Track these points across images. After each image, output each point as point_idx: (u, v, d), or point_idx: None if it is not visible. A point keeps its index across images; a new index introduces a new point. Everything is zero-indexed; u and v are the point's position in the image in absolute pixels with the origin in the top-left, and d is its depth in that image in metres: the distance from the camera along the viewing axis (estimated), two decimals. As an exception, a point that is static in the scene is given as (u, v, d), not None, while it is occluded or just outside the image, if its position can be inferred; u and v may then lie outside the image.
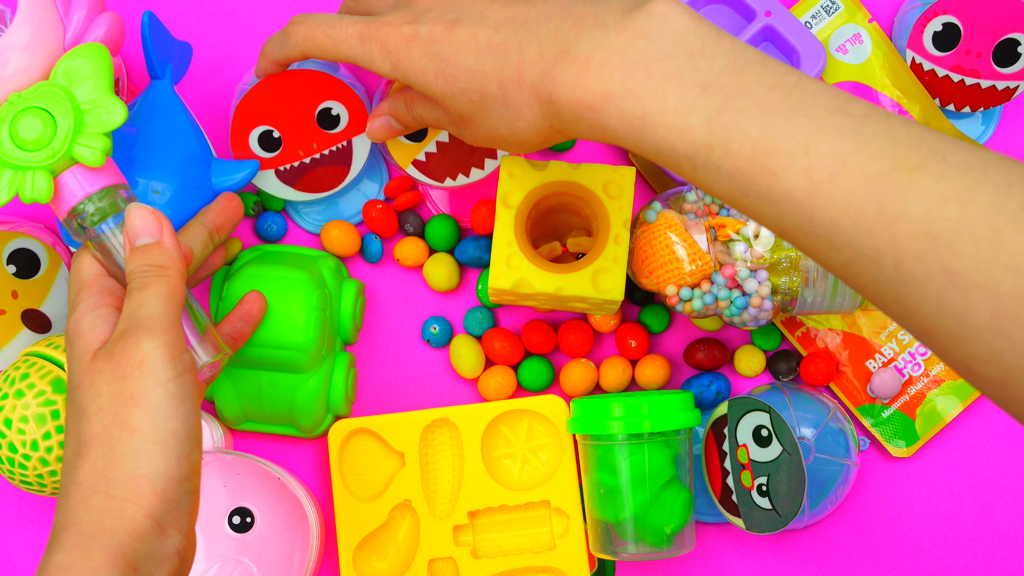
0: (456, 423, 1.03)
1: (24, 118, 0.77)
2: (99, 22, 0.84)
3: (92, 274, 0.80)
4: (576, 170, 0.96)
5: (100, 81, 0.78)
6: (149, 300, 0.75)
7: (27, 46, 0.81)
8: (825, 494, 1.00)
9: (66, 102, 0.77)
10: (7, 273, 1.01)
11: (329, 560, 1.05)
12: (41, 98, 0.77)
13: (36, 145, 0.76)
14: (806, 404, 1.02)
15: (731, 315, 0.97)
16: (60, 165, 0.78)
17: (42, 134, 0.76)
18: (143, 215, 0.78)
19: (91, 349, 0.75)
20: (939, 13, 1.03)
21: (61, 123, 0.77)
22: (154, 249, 0.78)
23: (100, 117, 0.78)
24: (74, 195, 0.79)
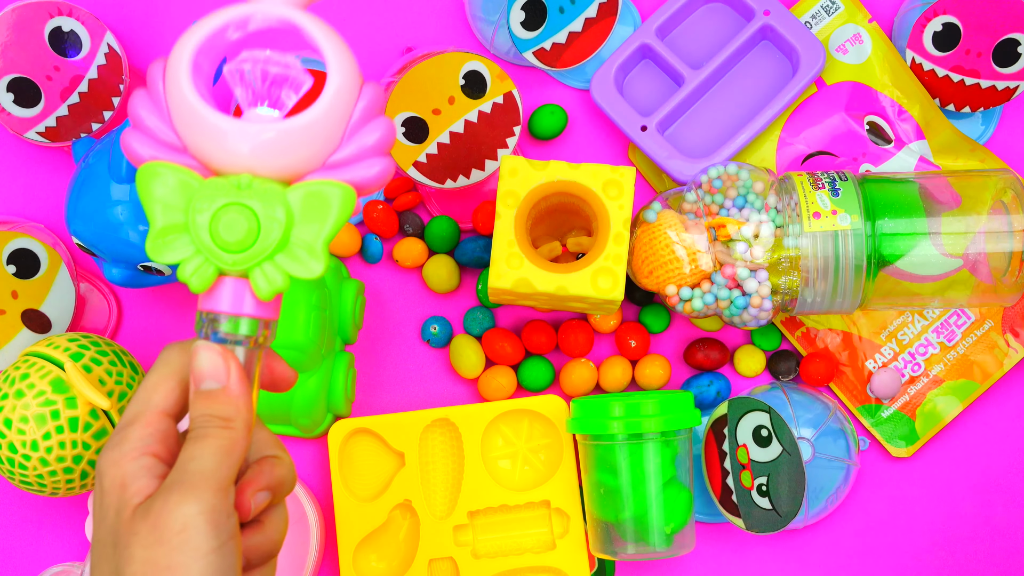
0: (456, 423, 1.03)
1: (234, 215, 0.66)
2: (374, 126, 0.70)
3: (161, 403, 0.69)
4: (576, 170, 0.96)
5: (325, 232, 0.67)
6: (204, 454, 0.66)
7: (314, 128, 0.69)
8: (825, 494, 1.00)
9: (282, 230, 0.67)
10: (7, 273, 1.01)
11: (329, 560, 1.05)
12: (264, 203, 0.67)
13: (224, 245, 0.66)
14: (806, 404, 1.02)
15: (731, 315, 0.97)
16: (230, 271, 0.68)
17: (237, 241, 0.66)
18: (211, 357, 0.68)
19: (132, 504, 0.65)
20: (939, 13, 1.03)
21: (261, 244, 0.67)
22: (220, 397, 0.68)
23: (299, 259, 0.67)
24: (224, 306, 0.69)
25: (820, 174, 0.98)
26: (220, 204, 0.66)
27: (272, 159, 0.67)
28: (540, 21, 1.05)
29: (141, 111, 0.69)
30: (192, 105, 0.67)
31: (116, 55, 1.03)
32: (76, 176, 0.96)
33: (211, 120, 0.66)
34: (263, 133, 0.66)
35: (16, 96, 1.02)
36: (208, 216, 0.66)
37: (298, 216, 0.66)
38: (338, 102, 0.68)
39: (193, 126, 0.67)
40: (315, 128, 0.67)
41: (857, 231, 0.95)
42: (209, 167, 0.67)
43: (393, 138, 0.70)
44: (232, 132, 0.66)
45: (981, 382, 1.06)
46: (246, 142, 0.66)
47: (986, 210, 0.96)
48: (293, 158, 0.67)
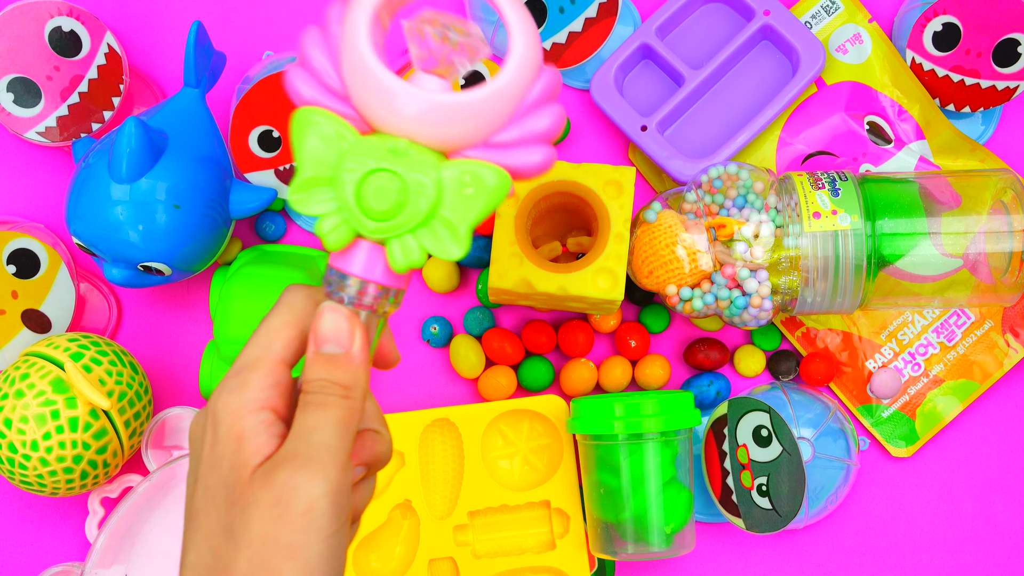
0: (456, 423, 1.03)
1: (384, 182, 0.64)
2: (545, 111, 0.68)
3: (282, 351, 0.67)
4: (577, 170, 0.96)
5: (472, 216, 0.65)
6: (326, 425, 0.64)
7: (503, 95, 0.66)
8: (825, 494, 1.00)
9: (429, 205, 0.64)
10: (7, 273, 1.01)
11: (329, 560, 1.05)
12: (416, 174, 0.64)
13: (367, 210, 0.64)
14: (806, 404, 1.02)
15: (731, 315, 0.97)
16: (369, 236, 0.65)
17: (382, 210, 0.64)
18: (337, 320, 0.66)
19: (251, 464, 0.63)
20: (939, 13, 1.03)
21: (406, 216, 0.64)
22: (342, 363, 0.66)
23: (440, 239, 0.65)
24: (356, 269, 0.66)
25: (820, 174, 0.98)
26: (371, 168, 0.64)
27: (436, 128, 0.64)
28: (540, 21, 1.05)
29: (311, 50, 0.67)
30: (365, 58, 0.64)
31: (116, 55, 1.03)
32: (76, 176, 0.96)
33: (383, 78, 0.64)
34: (434, 99, 0.64)
35: (16, 96, 1.02)
36: (357, 177, 0.64)
37: (448, 194, 0.64)
38: (517, 80, 0.65)
39: (362, 79, 0.65)
40: (488, 103, 0.65)
41: (857, 231, 0.95)
42: (369, 122, 0.65)
43: (562, 128, 0.67)
44: (402, 94, 0.64)
45: (981, 382, 1.06)
46: (414, 106, 0.64)
47: (986, 210, 0.96)
48: (458, 130, 0.65)
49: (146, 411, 0.98)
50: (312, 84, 0.66)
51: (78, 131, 1.03)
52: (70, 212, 0.96)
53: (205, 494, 0.64)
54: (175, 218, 0.94)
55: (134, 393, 0.96)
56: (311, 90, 0.66)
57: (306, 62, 0.67)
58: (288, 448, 0.63)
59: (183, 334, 1.09)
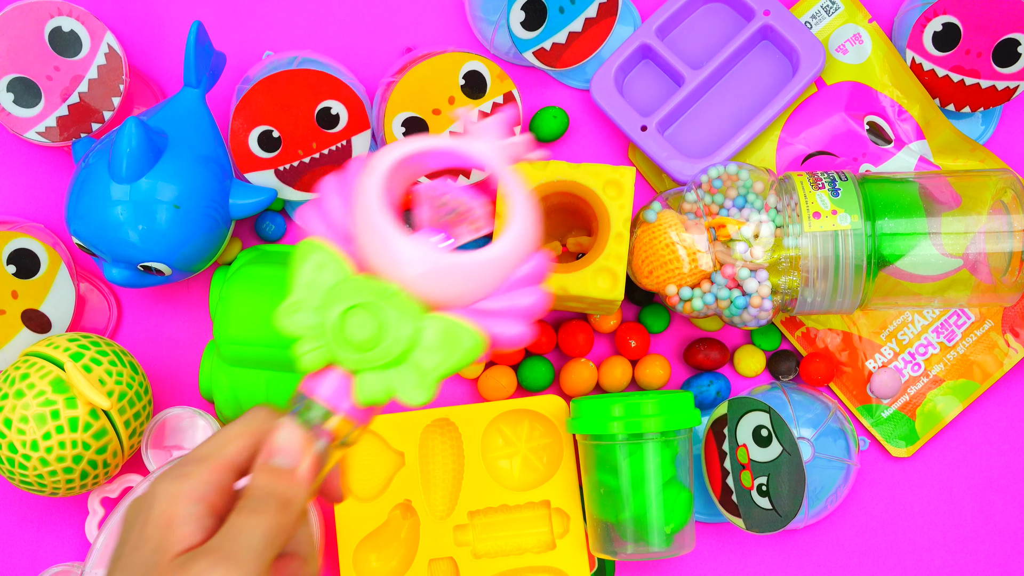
0: (456, 423, 1.03)
1: (367, 316, 0.67)
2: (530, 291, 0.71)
3: (232, 456, 0.68)
4: (576, 170, 0.96)
5: (442, 368, 0.67)
6: (255, 529, 0.65)
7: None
8: (825, 494, 1.00)
9: (403, 347, 0.67)
10: (7, 273, 1.01)
11: (329, 560, 1.05)
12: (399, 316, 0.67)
13: (346, 339, 0.67)
14: (806, 404, 1.02)
15: (731, 315, 0.97)
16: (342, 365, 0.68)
17: (360, 341, 0.67)
18: (292, 436, 0.68)
19: (174, 550, 0.64)
20: (939, 13, 1.03)
21: (379, 352, 0.67)
22: (285, 477, 0.67)
23: (406, 382, 0.67)
24: (323, 394, 0.68)
25: (820, 174, 0.98)
26: (359, 301, 0.67)
27: (428, 285, 0.68)
28: (540, 21, 1.05)
29: (328, 192, 0.70)
30: (375, 211, 0.67)
31: (116, 55, 1.03)
32: (76, 176, 0.96)
33: (388, 232, 0.67)
34: (430, 260, 0.67)
35: (16, 96, 1.02)
36: (344, 307, 0.67)
37: (425, 343, 0.67)
38: (510, 255, 0.69)
39: (368, 228, 0.68)
40: (480, 269, 0.68)
41: (857, 231, 0.95)
42: (367, 266, 0.69)
43: (543, 311, 0.71)
44: (402, 249, 0.67)
45: (981, 382, 1.06)
46: (412, 262, 0.67)
47: (986, 210, 0.96)
48: (448, 291, 0.68)
49: (146, 411, 0.98)
50: (322, 221, 0.70)
51: (78, 131, 1.03)
52: (70, 212, 0.96)
53: (124, 571, 0.65)
54: (175, 218, 0.94)
55: (134, 393, 0.96)
56: (320, 227, 0.70)
57: (321, 201, 0.70)
58: (213, 543, 0.64)
59: (183, 334, 1.09)
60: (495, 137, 0.72)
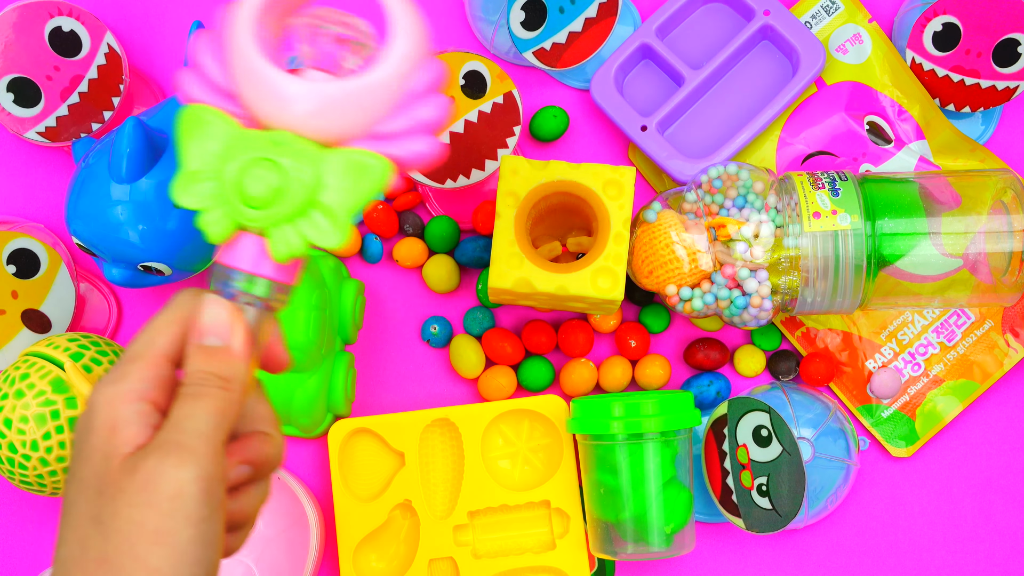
0: (456, 423, 1.03)
1: (262, 170, 0.64)
2: (430, 101, 0.68)
3: (165, 347, 0.66)
4: (576, 170, 0.96)
5: (351, 203, 0.65)
6: (200, 414, 0.64)
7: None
8: (825, 494, 1.00)
9: (307, 192, 0.65)
10: (7, 273, 1.01)
11: (329, 560, 1.05)
12: (295, 162, 0.65)
13: (247, 199, 0.64)
14: (806, 404, 1.02)
15: (731, 315, 0.97)
16: (249, 226, 0.66)
17: (260, 197, 0.64)
18: (218, 312, 0.66)
19: (121, 453, 0.62)
20: (939, 13, 1.03)
21: (284, 204, 0.65)
22: (220, 355, 0.66)
23: (318, 226, 0.65)
24: (241, 263, 0.66)
25: (820, 174, 0.98)
26: (251, 157, 0.64)
27: (318, 118, 0.65)
28: (540, 21, 1.05)
29: (201, 53, 0.68)
30: (249, 54, 0.65)
31: (116, 55, 1.03)
32: (76, 176, 0.96)
33: (266, 71, 0.65)
34: (314, 92, 0.65)
35: (16, 96, 1.02)
36: (237, 167, 0.64)
37: (329, 183, 0.65)
38: (399, 70, 0.66)
39: (248, 75, 0.66)
40: (370, 92, 0.65)
41: (857, 231, 0.95)
42: (256, 118, 0.66)
43: (446, 119, 0.68)
44: (283, 84, 0.65)
45: (981, 382, 1.06)
46: (297, 99, 0.65)
47: (986, 210, 0.96)
48: (340, 120, 0.65)
49: (146, 411, 0.98)
50: (201, 84, 0.67)
51: (78, 131, 1.03)
52: (70, 212, 0.96)
53: (77, 486, 0.64)
54: (175, 218, 0.94)
55: (134, 393, 0.96)
56: (199, 90, 0.67)
57: (196, 65, 0.68)
58: (160, 437, 0.63)
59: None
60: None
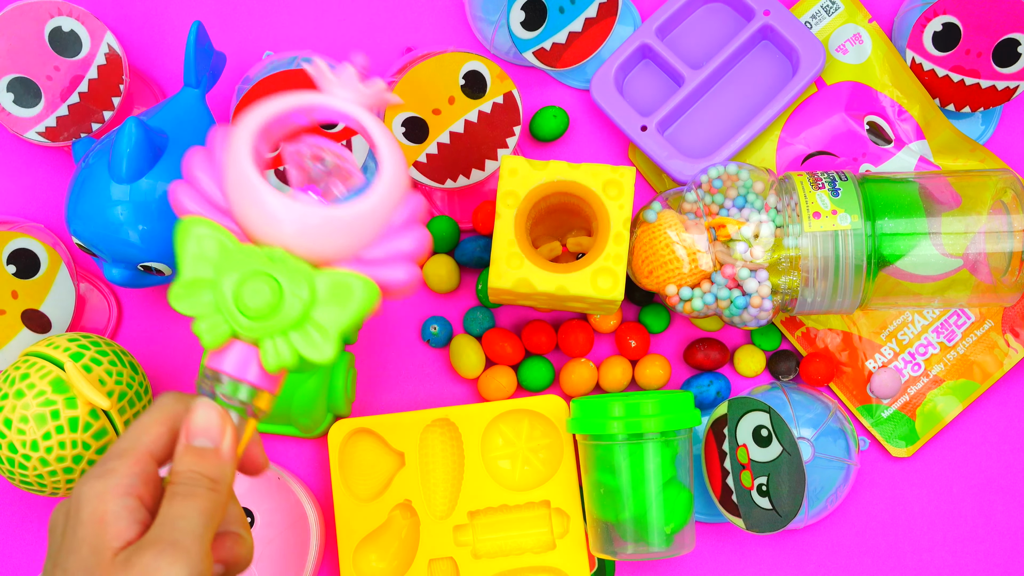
0: (456, 423, 1.03)
1: (260, 283, 0.67)
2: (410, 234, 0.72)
3: (150, 445, 0.68)
4: (576, 170, 0.96)
5: (343, 321, 0.68)
6: (192, 514, 0.66)
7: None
8: (825, 494, 1.00)
9: (302, 307, 0.67)
10: (7, 273, 1.01)
11: (329, 560, 1.05)
12: (291, 279, 0.68)
13: (244, 310, 0.67)
14: (806, 404, 1.02)
15: (731, 315, 0.97)
16: (243, 336, 0.68)
17: (258, 309, 0.67)
18: (209, 415, 0.69)
19: (113, 547, 0.64)
20: (939, 13, 1.03)
21: (280, 317, 0.67)
22: (210, 457, 0.68)
23: (311, 340, 0.68)
24: (229, 368, 0.69)
25: (820, 174, 0.98)
26: (250, 270, 0.67)
27: (310, 241, 0.69)
28: (540, 21, 1.05)
29: (196, 169, 0.71)
30: (247, 176, 0.68)
31: (116, 55, 1.03)
32: (76, 176, 0.96)
33: (261, 191, 0.68)
34: (307, 216, 0.68)
35: (16, 96, 1.03)
36: (236, 279, 0.67)
37: (320, 300, 0.68)
38: (384, 202, 0.70)
39: (243, 194, 0.69)
40: (356, 220, 0.69)
41: (857, 231, 0.95)
42: (248, 234, 0.69)
43: (426, 251, 0.72)
44: (279, 209, 0.68)
45: (981, 382, 1.06)
46: (290, 221, 0.68)
47: (986, 210, 0.96)
48: (330, 245, 0.69)
49: (146, 411, 0.98)
50: (196, 199, 0.71)
51: (78, 131, 1.03)
52: (70, 212, 0.96)
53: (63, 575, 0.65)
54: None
55: (134, 393, 0.96)
56: (195, 204, 0.71)
57: (191, 180, 0.71)
58: (153, 534, 0.65)
59: (183, 334, 1.09)
60: (352, 87, 0.73)
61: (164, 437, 0.69)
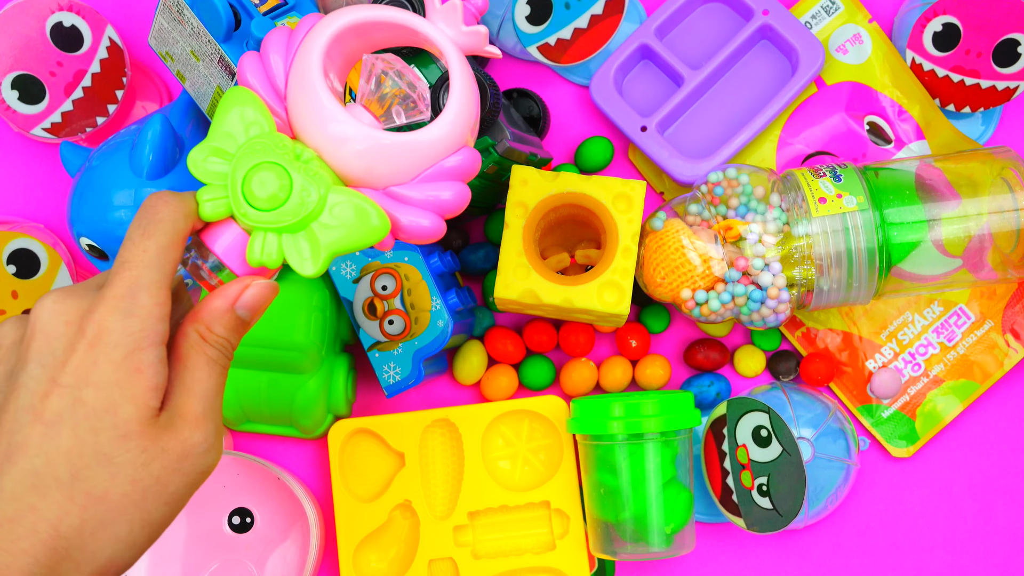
0: (456, 423, 1.03)
1: (272, 176, 0.65)
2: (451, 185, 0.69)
3: (170, 275, 0.64)
4: (586, 182, 0.96)
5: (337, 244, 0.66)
6: (219, 388, 0.64)
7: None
8: (825, 494, 1.00)
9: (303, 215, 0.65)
10: (7, 273, 1.01)
11: (329, 560, 1.05)
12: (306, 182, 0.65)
13: (248, 195, 0.65)
14: (806, 404, 1.02)
15: (750, 311, 0.96)
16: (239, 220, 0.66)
17: (261, 199, 0.64)
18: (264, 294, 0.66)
19: (152, 406, 0.60)
20: (939, 13, 1.04)
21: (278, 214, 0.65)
22: (241, 330, 0.66)
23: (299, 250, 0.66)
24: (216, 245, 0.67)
25: (820, 166, 0.98)
26: (268, 159, 0.65)
27: (348, 157, 0.67)
28: (545, 16, 1.04)
29: (271, 48, 0.69)
30: (310, 71, 0.67)
31: (118, 49, 1.03)
32: (81, 177, 0.96)
33: (319, 94, 0.66)
34: (356, 132, 0.66)
35: (21, 93, 1.02)
36: (252, 163, 0.65)
37: (327, 216, 0.66)
38: (442, 144, 0.68)
39: (300, 87, 0.67)
40: (405, 153, 0.67)
41: (864, 210, 0.94)
42: (292, 127, 0.68)
43: (461, 209, 0.69)
44: (332, 115, 0.66)
45: (981, 382, 1.06)
46: (339, 131, 0.66)
47: (988, 189, 0.96)
48: (366, 168, 0.67)
49: (146, 411, 0.98)
50: (259, 75, 0.69)
51: (83, 126, 1.03)
52: (82, 214, 0.95)
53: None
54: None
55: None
56: (255, 79, 0.69)
57: (263, 54, 0.69)
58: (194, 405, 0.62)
59: (183, 333, 1.08)
60: (454, 22, 0.71)
61: (177, 261, 0.65)
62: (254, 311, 0.66)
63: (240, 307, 0.65)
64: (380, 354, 0.98)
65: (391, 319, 0.98)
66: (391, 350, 0.98)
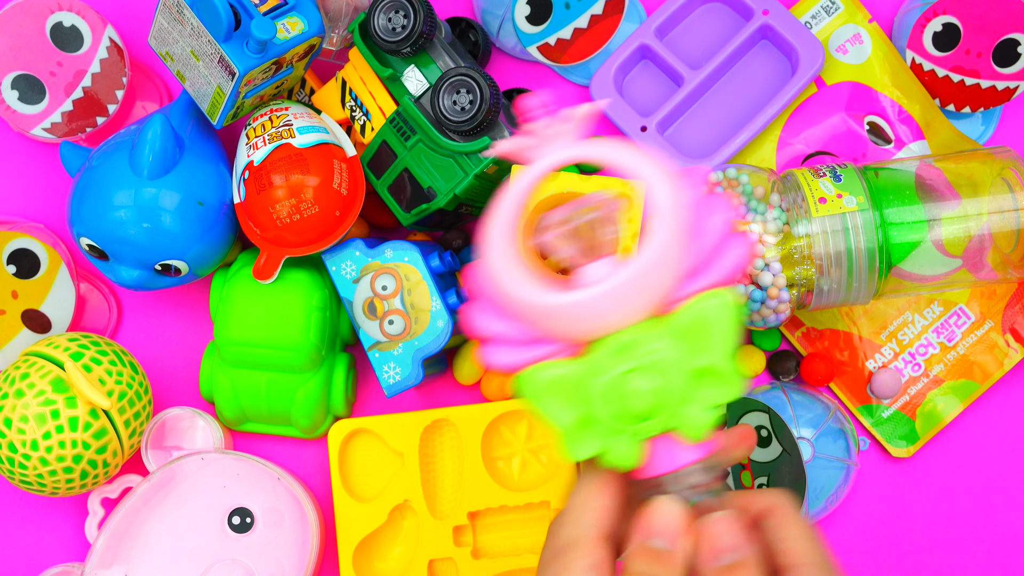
0: (456, 423, 1.03)
1: (629, 386, 0.61)
2: (732, 249, 0.64)
3: (604, 528, 0.65)
4: (587, 182, 0.96)
5: (725, 347, 0.61)
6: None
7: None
8: (825, 494, 1.00)
9: (681, 364, 0.61)
10: (7, 273, 1.01)
11: (329, 560, 1.05)
12: (651, 353, 0.61)
13: (635, 415, 0.61)
14: (806, 404, 1.02)
15: (750, 311, 0.96)
16: (652, 436, 0.63)
17: (647, 407, 0.61)
18: (674, 517, 0.63)
19: None
20: (939, 13, 1.04)
21: (672, 395, 0.61)
22: (664, 560, 0.63)
23: (716, 387, 0.61)
24: (661, 467, 0.63)
25: (819, 166, 0.98)
26: (607, 379, 0.61)
27: (632, 307, 0.62)
28: (545, 16, 1.04)
29: (481, 323, 0.66)
30: (531, 299, 0.63)
31: (118, 48, 1.03)
32: (81, 177, 0.96)
33: (557, 303, 0.62)
34: (612, 289, 0.62)
35: (21, 93, 1.02)
36: (603, 393, 0.61)
37: (689, 345, 0.61)
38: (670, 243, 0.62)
39: (539, 314, 0.63)
40: (660, 261, 0.62)
41: (864, 209, 0.94)
42: (575, 341, 0.63)
43: (749, 257, 0.65)
44: (585, 302, 0.62)
45: (981, 382, 1.06)
46: (601, 303, 0.62)
47: (988, 189, 0.96)
48: (652, 294, 0.62)
49: (146, 411, 0.98)
50: (504, 351, 0.65)
51: (83, 126, 1.03)
52: (80, 214, 0.95)
53: None
54: (199, 215, 0.94)
55: (134, 393, 0.96)
56: (509, 356, 0.65)
57: (489, 336, 0.66)
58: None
59: (183, 334, 1.08)
60: (559, 135, 0.68)
61: (608, 508, 0.65)
62: (669, 536, 0.63)
63: (650, 538, 0.64)
64: (380, 354, 0.98)
65: (391, 319, 0.98)
66: (391, 350, 0.98)
